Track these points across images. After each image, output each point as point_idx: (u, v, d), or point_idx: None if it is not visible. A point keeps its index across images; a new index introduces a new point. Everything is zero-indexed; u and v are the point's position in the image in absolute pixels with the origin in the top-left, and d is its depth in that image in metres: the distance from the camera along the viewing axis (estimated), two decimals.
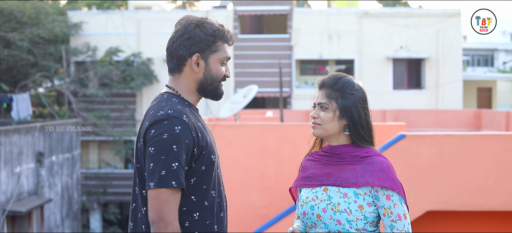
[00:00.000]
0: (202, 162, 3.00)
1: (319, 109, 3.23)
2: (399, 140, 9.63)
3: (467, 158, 9.59)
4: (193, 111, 3.10)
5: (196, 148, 2.97)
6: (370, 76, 28.32)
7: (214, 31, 3.11)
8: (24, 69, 27.48)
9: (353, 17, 28.43)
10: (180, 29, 3.11)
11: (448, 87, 27.95)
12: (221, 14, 28.94)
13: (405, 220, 3.07)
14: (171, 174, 2.87)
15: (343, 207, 3.07)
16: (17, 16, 26.41)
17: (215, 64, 3.11)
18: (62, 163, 21.44)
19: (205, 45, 3.09)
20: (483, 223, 10.24)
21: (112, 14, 29.35)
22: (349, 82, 3.26)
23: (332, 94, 3.22)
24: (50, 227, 20.25)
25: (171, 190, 2.87)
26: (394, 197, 3.07)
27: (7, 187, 17.57)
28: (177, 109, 2.96)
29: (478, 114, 19.76)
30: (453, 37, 28.11)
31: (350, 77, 3.30)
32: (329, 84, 3.25)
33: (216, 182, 3.10)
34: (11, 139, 17.72)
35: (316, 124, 3.22)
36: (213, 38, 3.10)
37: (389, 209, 3.07)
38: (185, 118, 2.94)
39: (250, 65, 28.61)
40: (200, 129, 3.02)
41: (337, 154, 3.22)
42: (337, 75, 3.29)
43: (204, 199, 3.03)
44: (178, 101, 3.06)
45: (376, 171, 3.09)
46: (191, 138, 2.93)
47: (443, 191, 9.53)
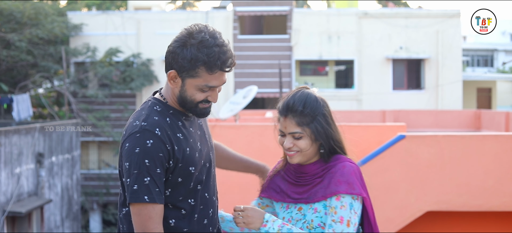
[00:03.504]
0: (178, 174, 2.98)
1: (291, 138, 3.07)
2: (399, 141, 9.63)
3: (467, 158, 9.59)
4: (176, 120, 3.03)
5: (172, 161, 2.94)
6: (369, 76, 28.33)
7: (196, 57, 2.88)
8: (24, 70, 27.48)
9: (353, 17, 28.44)
10: (176, 38, 2.95)
11: (448, 88, 27.96)
12: (221, 14, 28.95)
13: (347, 227, 2.95)
14: (143, 188, 2.85)
15: (316, 223, 3.03)
16: (17, 17, 26.40)
17: (190, 88, 2.95)
18: (62, 163, 21.45)
19: (182, 67, 2.90)
20: (483, 223, 10.24)
21: (111, 15, 29.37)
22: (315, 102, 3.09)
23: (303, 121, 3.05)
24: (50, 228, 20.25)
25: (153, 205, 2.86)
26: (344, 199, 2.98)
27: (7, 187, 17.58)
28: (151, 122, 2.92)
29: (477, 115, 19.77)
30: (452, 38, 28.13)
31: (311, 93, 3.12)
32: (296, 110, 3.04)
33: (196, 190, 3.06)
34: (11, 139, 17.72)
35: (294, 152, 3.09)
36: (190, 65, 2.89)
37: (334, 208, 2.98)
38: (157, 131, 2.89)
39: (249, 66, 28.62)
40: (178, 141, 2.96)
41: (307, 173, 3.14)
42: (300, 96, 3.08)
43: (181, 208, 3.03)
44: (160, 110, 3.01)
45: (338, 177, 3.02)
46: (165, 151, 2.90)
47: (443, 192, 9.53)
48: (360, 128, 11.93)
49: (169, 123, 2.99)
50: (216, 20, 28.54)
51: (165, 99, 3.07)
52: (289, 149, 3.09)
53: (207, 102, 3.01)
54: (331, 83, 29.84)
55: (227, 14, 28.93)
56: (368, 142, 11.30)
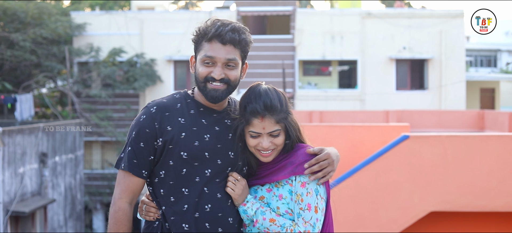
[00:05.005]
0: (169, 156, 3.04)
1: (270, 138, 3.07)
2: (402, 141, 9.62)
3: (470, 158, 9.59)
4: (189, 108, 3.11)
5: (161, 140, 3.01)
6: (373, 76, 28.32)
7: (199, 32, 3.11)
8: (28, 70, 27.50)
9: (356, 17, 28.42)
10: None
11: (451, 88, 27.94)
12: (224, 15, 28.94)
13: (315, 213, 2.98)
14: (124, 157, 3.03)
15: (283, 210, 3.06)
16: (20, 17, 26.43)
17: (198, 63, 3.11)
18: (65, 163, 21.47)
19: (195, 47, 3.13)
20: (486, 224, 10.23)
21: (115, 15, 29.39)
22: (284, 96, 3.14)
23: (280, 117, 3.07)
24: (53, 228, 20.28)
25: (124, 172, 3.02)
26: (309, 186, 3.00)
27: (11, 187, 17.60)
28: (157, 102, 3.10)
29: (481, 115, 19.74)
30: (456, 38, 28.10)
31: (274, 88, 3.17)
32: (276, 108, 3.06)
33: (190, 180, 3.07)
34: (14, 139, 17.75)
35: (270, 151, 3.09)
36: (197, 39, 3.12)
37: (301, 196, 3.00)
38: (153, 109, 3.04)
39: (253, 66, 28.60)
40: (175, 123, 3.04)
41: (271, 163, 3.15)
42: (272, 94, 3.11)
43: (171, 194, 3.07)
44: (178, 97, 3.15)
45: (300, 161, 3.04)
46: (152, 128, 3.01)
47: (446, 192, 9.53)
48: (364, 128, 11.92)
49: (178, 107, 3.10)
50: (218, 17, 28.49)
51: (193, 93, 3.20)
52: (267, 148, 3.07)
53: (213, 80, 3.06)
54: (334, 83, 29.83)
55: (230, 14, 28.92)
56: (371, 142, 11.30)
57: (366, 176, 9.55)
